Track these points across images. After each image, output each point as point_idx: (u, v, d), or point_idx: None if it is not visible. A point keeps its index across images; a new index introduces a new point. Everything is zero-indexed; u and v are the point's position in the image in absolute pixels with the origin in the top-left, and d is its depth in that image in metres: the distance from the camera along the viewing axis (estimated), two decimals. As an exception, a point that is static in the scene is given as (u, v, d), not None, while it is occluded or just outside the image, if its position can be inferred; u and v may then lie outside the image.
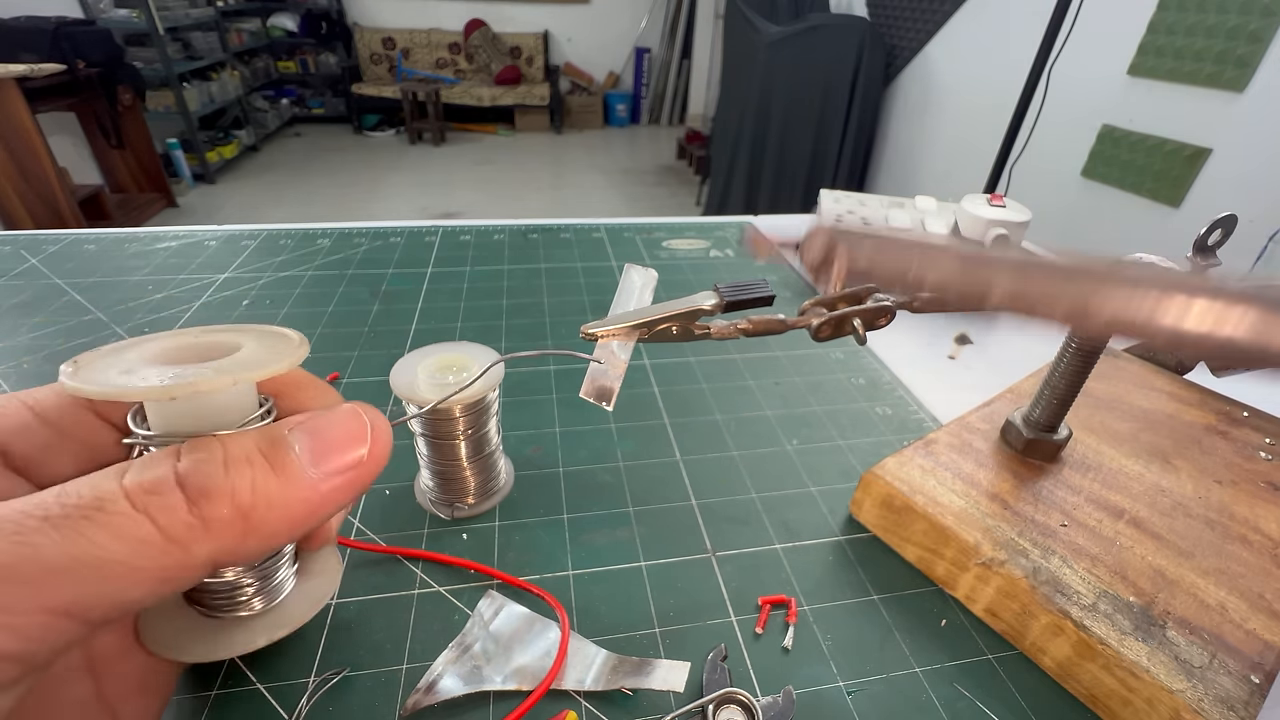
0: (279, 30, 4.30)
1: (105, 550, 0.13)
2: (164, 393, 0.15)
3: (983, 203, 0.54)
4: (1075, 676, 0.25)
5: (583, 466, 0.36)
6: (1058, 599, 0.26)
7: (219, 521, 0.15)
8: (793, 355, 0.47)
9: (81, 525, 0.13)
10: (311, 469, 0.17)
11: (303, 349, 0.18)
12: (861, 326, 0.22)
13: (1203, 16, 1.36)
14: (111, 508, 0.13)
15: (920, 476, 0.31)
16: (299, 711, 0.23)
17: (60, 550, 0.13)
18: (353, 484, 0.17)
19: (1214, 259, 0.25)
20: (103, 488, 0.14)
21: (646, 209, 3.30)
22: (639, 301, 0.24)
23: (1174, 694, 0.22)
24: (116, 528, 0.13)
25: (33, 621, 0.12)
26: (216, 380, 0.16)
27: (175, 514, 0.14)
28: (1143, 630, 0.24)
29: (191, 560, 0.14)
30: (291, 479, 0.16)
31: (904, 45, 2.38)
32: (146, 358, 0.18)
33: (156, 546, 0.14)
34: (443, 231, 0.65)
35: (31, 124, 2.13)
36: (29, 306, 0.49)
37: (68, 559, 0.13)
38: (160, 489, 0.14)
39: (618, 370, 0.22)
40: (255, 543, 0.15)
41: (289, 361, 0.17)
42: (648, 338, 0.22)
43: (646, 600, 0.28)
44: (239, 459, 0.16)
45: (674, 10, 4.41)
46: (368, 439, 0.18)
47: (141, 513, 0.14)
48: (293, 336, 0.19)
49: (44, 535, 0.13)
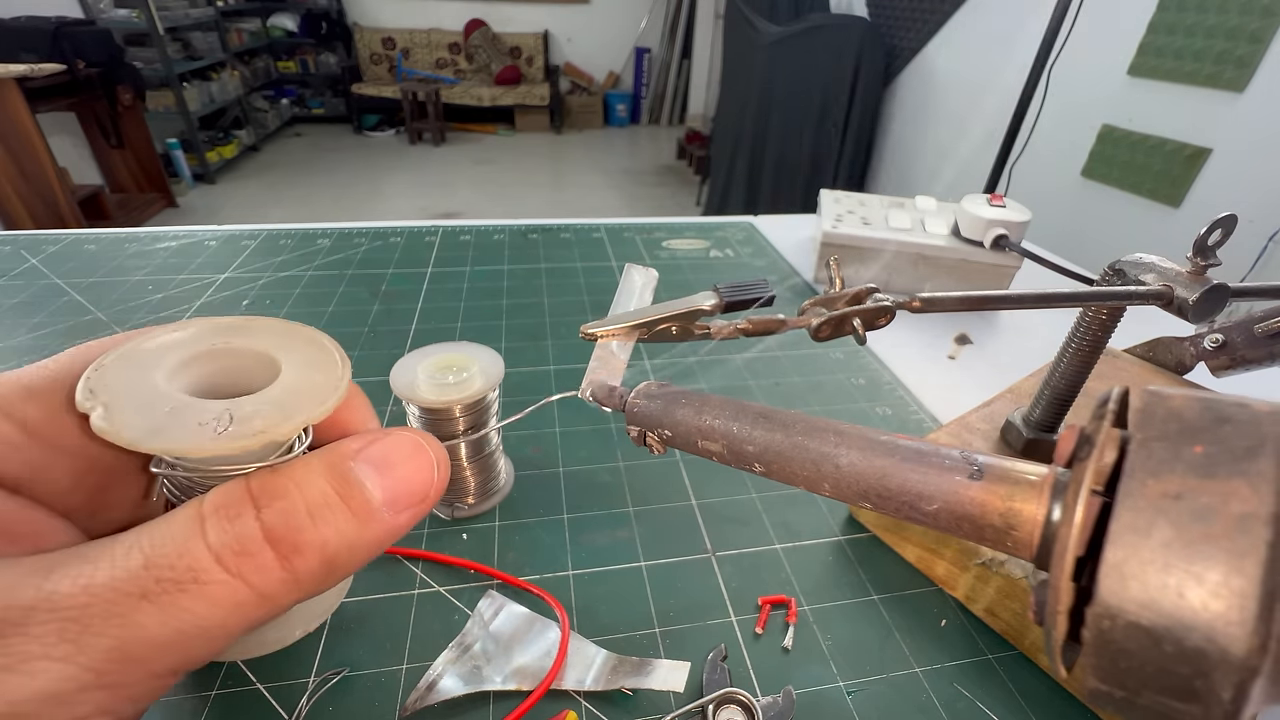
0: (279, 30, 4.30)
1: (206, 619, 0.13)
2: (240, 447, 0.14)
3: (983, 203, 0.54)
4: None
5: (583, 466, 0.36)
6: None
7: (309, 574, 0.15)
8: (793, 355, 0.47)
9: (180, 600, 0.13)
10: (385, 510, 0.16)
11: (346, 368, 0.17)
12: (861, 326, 0.21)
13: (1203, 16, 1.36)
14: (206, 577, 0.13)
15: (920, 476, 0.31)
16: (299, 711, 0.23)
17: (164, 627, 0.13)
18: (418, 517, 0.17)
19: (1214, 259, 0.25)
20: (193, 554, 0.14)
21: (646, 209, 3.30)
22: (639, 301, 0.24)
23: None
24: (213, 597, 0.13)
25: (143, 688, 0.13)
26: (286, 426, 0.15)
27: (269, 574, 0.14)
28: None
29: (280, 609, 0.15)
30: (368, 521, 0.16)
31: (904, 45, 2.38)
32: (177, 380, 0.16)
33: (251, 605, 0.14)
34: (443, 231, 0.65)
35: (31, 124, 2.13)
36: (29, 306, 0.49)
37: (173, 633, 0.13)
38: (251, 549, 0.14)
39: (617, 370, 0.22)
40: (333, 581, 0.16)
41: (343, 389, 0.16)
42: (647, 338, 0.22)
43: (646, 600, 0.28)
44: (320, 506, 0.15)
45: (674, 10, 4.41)
46: (434, 474, 0.17)
47: (237, 578, 0.14)
48: (328, 345, 0.18)
49: (145, 615, 0.13)
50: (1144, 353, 0.42)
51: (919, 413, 0.42)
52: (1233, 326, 0.38)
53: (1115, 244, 1.59)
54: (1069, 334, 0.30)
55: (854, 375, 0.45)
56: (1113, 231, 1.63)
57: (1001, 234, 0.53)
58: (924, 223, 0.58)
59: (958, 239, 0.55)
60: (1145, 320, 0.45)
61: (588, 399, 0.22)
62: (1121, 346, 0.43)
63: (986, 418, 0.35)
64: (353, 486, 0.16)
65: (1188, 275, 0.25)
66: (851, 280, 0.56)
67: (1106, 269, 0.28)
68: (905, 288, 0.57)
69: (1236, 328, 0.38)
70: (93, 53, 2.46)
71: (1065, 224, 1.75)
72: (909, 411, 0.42)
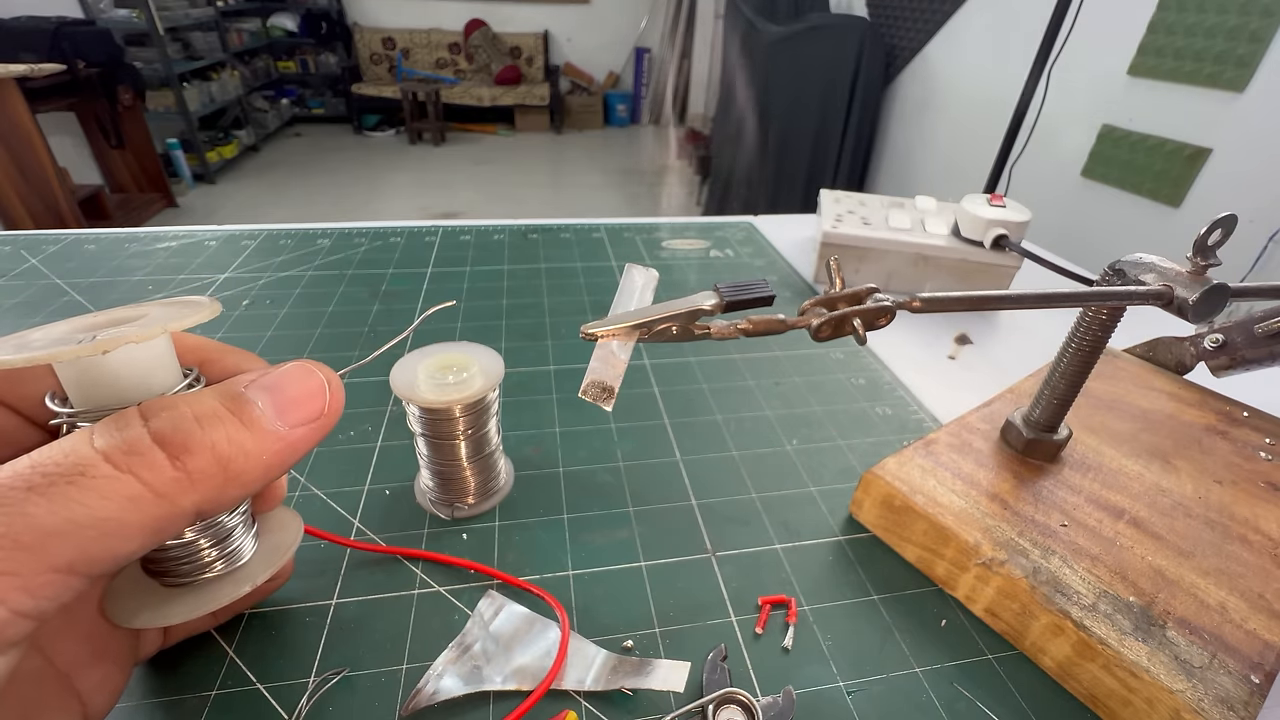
0: (279, 30, 4.30)
1: (97, 509, 0.14)
2: (95, 349, 0.15)
3: (983, 203, 0.54)
4: (1075, 676, 0.25)
5: (583, 466, 0.36)
6: (1058, 599, 0.26)
7: (201, 473, 0.16)
8: (793, 355, 0.47)
9: (68, 490, 0.14)
10: (277, 421, 0.18)
11: (215, 305, 0.19)
12: (861, 326, 0.21)
13: (1203, 16, 1.36)
14: (94, 471, 0.14)
15: (920, 476, 0.31)
16: (299, 711, 0.23)
17: (55, 515, 0.14)
18: (316, 433, 0.19)
19: (1214, 259, 0.25)
20: (78, 453, 0.15)
21: (646, 209, 3.30)
22: (640, 301, 0.24)
23: (1174, 694, 0.22)
24: (103, 489, 0.14)
25: (41, 580, 0.14)
26: (147, 331, 0.16)
27: (161, 470, 0.15)
28: (1143, 630, 0.24)
29: (179, 510, 0.16)
30: (261, 431, 0.17)
31: (904, 45, 2.38)
32: (54, 337, 0.17)
33: (146, 501, 0.15)
34: (443, 231, 0.65)
35: (31, 124, 2.13)
36: (29, 306, 0.49)
37: (63, 522, 0.14)
38: (139, 449, 0.15)
39: (617, 370, 0.22)
40: (235, 490, 0.17)
41: (209, 311, 0.18)
42: (648, 338, 0.22)
43: (646, 600, 0.28)
44: (209, 416, 0.16)
45: (674, 10, 4.40)
46: (326, 394, 0.19)
47: (127, 473, 0.15)
48: (202, 300, 0.20)
49: (34, 504, 0.13)
50: (1144, 353, 0.42)
51: (919, 413, 0.42)
52: (1233, 326, 0.38)
53: (1115, 244, 1.60)
54: (1069, 334, 0.30)
55: (854, 375, 0.45)
56: (1113, 231, 1.63)
57: (1001, 234, 0.53)
58: (924, 223, 0.58)
59: (958, 239, 0.55)
60: (1145, 320, 0.45)
61: (587, 399, 0.22)
62: (1121, 346, 0.43)
63: (986, 418, 0.35)
64: (242, 402, 0.17)
65: (1188, 275, 0.25)
66: (851, 281, 0.56)
67: (1106, 269, 0.28)
68: (905, 288, 0.57)
69: (1236, 327, 0.38)
70: (93, 53, 2.46)
71: (1065, 224, 1.75)
72: (909, 411, 0.42)
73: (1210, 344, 0.39)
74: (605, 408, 0.22)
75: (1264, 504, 0.30)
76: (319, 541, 0.30)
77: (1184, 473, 0.32)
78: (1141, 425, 0.35)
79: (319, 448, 0.36)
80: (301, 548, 0.30)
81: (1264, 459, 0.33)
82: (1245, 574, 0.27)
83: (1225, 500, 0.30)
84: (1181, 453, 0.33)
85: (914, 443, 0.33)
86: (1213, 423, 0.36)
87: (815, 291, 0.58)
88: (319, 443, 0.20)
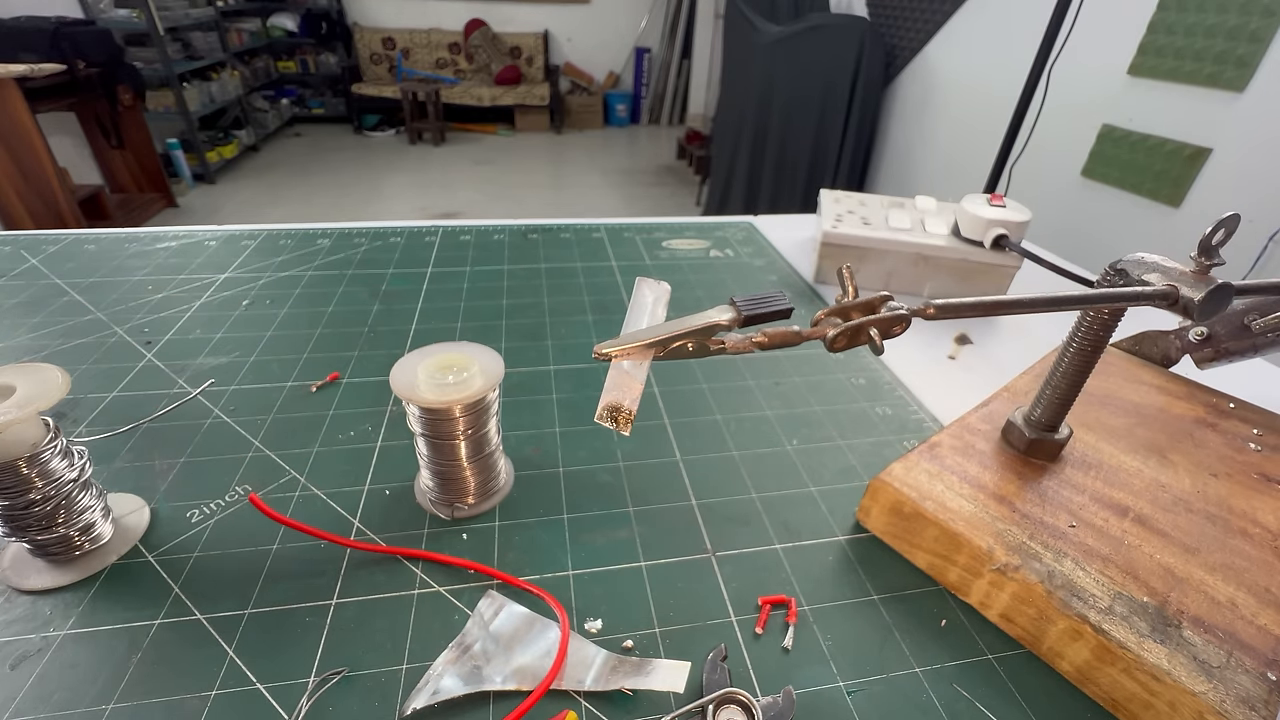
0: (279, 30, 4.30)
1: None
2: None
3: (983, 203, 0.54)
4: (1095, 680, 0.25)
5: (583, 466, 0.36)
6: (1074, 603, 0.25)
7: None
8: (793, 355, 0.47)
9: None
10: None
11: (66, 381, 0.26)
12: (878, 336, 0.21)
13: (1203, 16, 1.36)
14: None
15: (928, 481, 0.31)
16: (299, 711, 0.23)
17: None
18: None
19: (1218, 259, 0.25)
20: None
21: (646, 209, 3.30)
22: (652, 318, 0.23)
23: (1196, 696, 0.22)
24: None
25: None
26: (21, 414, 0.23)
27: None
28: (1160, 631, 0.24)
29: None
30: None
31: (904, 45, 2.38)
32: None
33: None
34: (443, 231, 0.65)
35: (31, 124, 2.13)
36: (29, 306, 0.49)
37: None
38: None
39: (634, 392, 0.21)
40: None
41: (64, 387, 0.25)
42: (663, 355, 0.21)
43: (646, 600, 0.28)
44: None
45: (674, 10, 4.40)
46: None
47: None
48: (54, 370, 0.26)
49: None
50: (1130, 346, 0.42)
51: (919, 412, 0.42)
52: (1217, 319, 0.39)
53: (1115, 244, 1.59)
54: (1070, 334, 0.29)
55: (854, 375, 0.45)
56: (1113, 231, 1.63)
57: (1001, 234, 0.53)
58: (924, 223, 0.58)
59: (958, 239, 0.55)
60: (1131, 314, 0.45)
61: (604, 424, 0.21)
62: (1115, 343, 0.43)
63: (986, 418, 0.35)
64: None
65: (1192, 275, 0.25)
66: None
67: (1108, 269, 0.28)
68: (905, 288, 0.57)
69: (1221, 320, 0.38)
70: (93, 53, 2.46)
71: (1065, 224, 1.74)
72: (909, 411, 0.42)
73: (1195, 337, 0.39)
74: (624, 432, 0.21)
75: (1260, 496, 0.30)
76: (319, 541, 0.30)
77: (1180, 467, 0.32)
78: (1135, 420, 0.35)
79: (319, 448, 0.36)
80: (302, 547, 0.30)
81: (1254, 450, 0.33)
82: (1250, 568, 0.26)
83: (1222, 493, 0.30)
84: (1176, 446, 0.33)
85: (918, 446, 0.33)
86: (1202, 415, 0.36)
87: (815, 291, 0.58)
88: None
